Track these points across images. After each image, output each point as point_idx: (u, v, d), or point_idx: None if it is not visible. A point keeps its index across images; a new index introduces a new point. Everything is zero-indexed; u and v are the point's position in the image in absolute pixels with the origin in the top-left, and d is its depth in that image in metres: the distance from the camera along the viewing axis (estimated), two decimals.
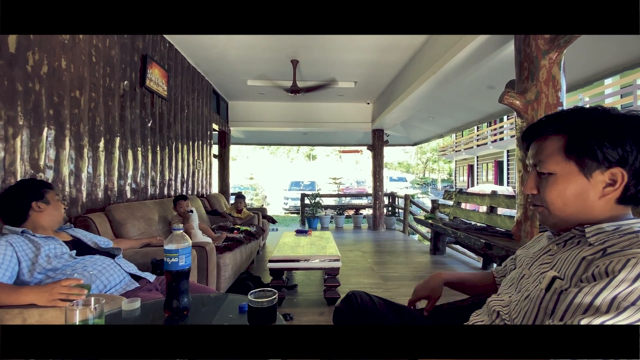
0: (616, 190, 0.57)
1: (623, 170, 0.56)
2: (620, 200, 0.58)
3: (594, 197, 0.58)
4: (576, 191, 0.59)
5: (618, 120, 0.58)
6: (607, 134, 0.57)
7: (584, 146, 0.58)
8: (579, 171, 0.59)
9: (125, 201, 2.64)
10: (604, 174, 0.57)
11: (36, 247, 1.26)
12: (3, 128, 1.58)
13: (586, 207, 0.59)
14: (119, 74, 2.56)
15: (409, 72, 4.17)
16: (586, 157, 0.58)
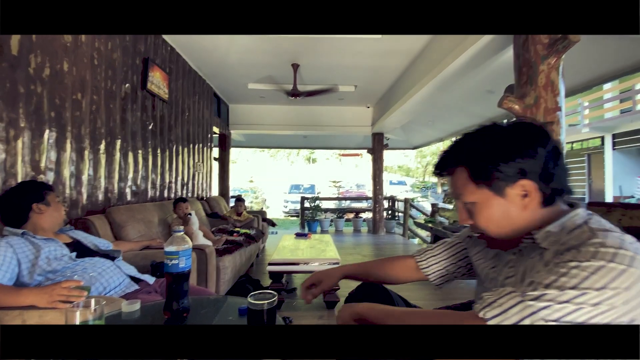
0: (532, 197, 0.61)
1: (527, 180, 0.60)
2: (545, 203, 0.62)
3: (518, 211, 0.62)
4: (500, 212, 0.63)
5: (503, 136, 0.63)
6: (498, 155, 0.61)
7: (485, 172, 0.63)
8: (494, 194, 0.63)
9: (126, 203, 2.65)
10: (515, 188, 0.61)
11: (36, 248, 1.26)
12: (5, 130, 1.59)
13: (518, 221, 0.63)
14: (120, 77, 2.58)
15: (409, 76, 4.19)
16: (491, 180, 0.62)
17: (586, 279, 0.50)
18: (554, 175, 0.61)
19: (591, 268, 0.50)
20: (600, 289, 0.49)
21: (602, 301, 0.49)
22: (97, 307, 0.75)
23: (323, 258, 2.55)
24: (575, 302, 0.49)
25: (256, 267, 3.75)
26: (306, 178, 21.33)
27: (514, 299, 0.53)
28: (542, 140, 0.62)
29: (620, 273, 0.49)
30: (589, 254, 0.52)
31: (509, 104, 1.93)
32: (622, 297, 0.49)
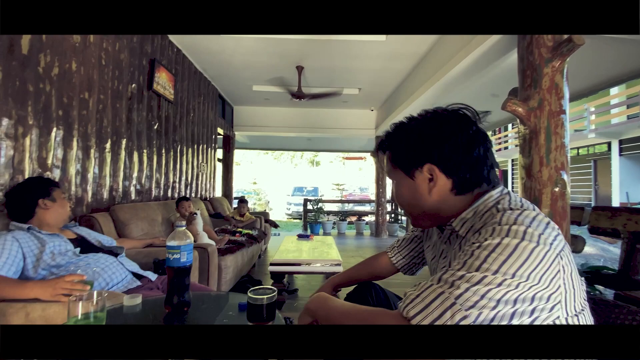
0: (438, 182, 0.64)
1: (432, 165, 0.63)
2: (457, 191, 0.64)
3: (424, 192, 0.65)
4: (409, 192, 0.68)
5: (420, 122, 0.67)
6: (409, 139, 0.66)
7: (398, 154, 0.69)
8: (405, 175, 0.68)
9: (130, 202, 2.67)
10: (423, 172, 0.65)
11: (41, 243, 1.28)
12: (13, 127, 1.62)
13: (427, 204, 0.66)
14: (127, 77, 2.61)
15: (413, 79, 4.20)
16: (402, 162, 0.68)
17: (486, 259, 0.50)
18: (464, 164, 0.62)
19: (490, 247, 0.51)
20: (499, 267, 0.49)
21: (505, 279, 0.48)
22: (99, 298, 0.76)
23: (325, 259, 2.55)
24: (484, 283, 0.49)
25: (258, 267, 3.75)
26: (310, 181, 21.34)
27: (434, 292, 0.52)
28: (456, 128, 0.63)
29: (514, 248, 0.49)
30: (488, 233, 0.53)
31: (512, 106, 1.92)
32: (524, 271, 0.48)
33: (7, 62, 1.57)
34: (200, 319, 0.86)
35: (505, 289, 0.48)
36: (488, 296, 0.48)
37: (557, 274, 0.50)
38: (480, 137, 0.63)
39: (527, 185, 1.92)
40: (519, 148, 2.03)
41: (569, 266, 0.52)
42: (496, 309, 0.48)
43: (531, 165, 1.89)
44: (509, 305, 0.48)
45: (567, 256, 0.53)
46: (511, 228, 0.52)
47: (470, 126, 0.64)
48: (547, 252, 0.50)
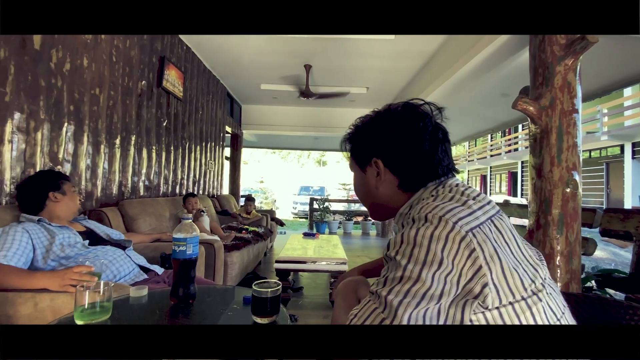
0: (384, 177, 0.65)
1: (377, 159, 0.65)
2: (403, 187, 0.64)
3: (372, 186, 0.67)
4: (360, 183, 0.71)
5: (375, 119, 0.68)
6: (362, 135, 0.69)
7: (353, 149, 0.71)
8: (359, 168, 0.70)
9: (138, 197, 2.70)
10: (372, 166, 0.66)
11: (51, 235, 1.30)
12: (25, 121, 1.65)
13: (377, 197, 0.67)
14: (137, 74, 2.64)
15: (421, 78, 4.16)
16: (355, 155, 0.71)
17: (395, 258, 0.50)
18: (408, 161, 0.62)
19: (397, 244, 0.51)
20: (408, 261, 0.48)
21: (421, 269, 0.47)
22: (105, 289, 0.77)
23: (330, 257, 2.54)
24: (403, 282, 0.48)
25: (263, 265, 3.76)
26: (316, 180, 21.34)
27: (369, 309, 0.50)
28: (402, 125, 0.63)
29: (415, 236, 0.49)
30: (400, 231, 0.54)
31: (523, 105, 1.89)
32: (432, 257, 0.47)
33: (20, 57, 1.59)
34: (205, 311, 0.86)
35: (421, 285, 0.47)
36: (410, 294, 0.47)
37: (472, 252, 0.47)
38: (428, 133, 0.61)
39: (538, 185, 1.88)
40: (529, 148, 1.99)
41: (488, 244, 0.48)
42: (420, 307, 0.47)
43: (542, 165, 1.86)
44: (436, 301, 0.47)
45: (488, 234, 0.50)
46: (414, 218, 0.52)
47: (417, 122, 0.62)
48: (450, 231, 0.48)
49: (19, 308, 1.05)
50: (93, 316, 0.75)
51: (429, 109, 0.64)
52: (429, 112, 0.64)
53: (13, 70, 1.56)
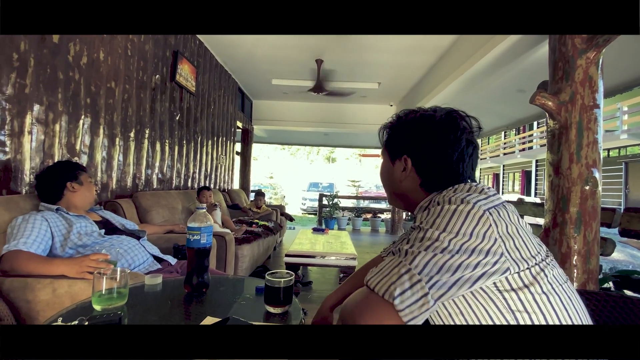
0: (410, 174, 0.69)
1: (408, 158, 0.69)
2: (424, 188, 0.68)
3: (397, 178, 0.71)
4: (387, 173, 0.75)
5: (414, 118, 0.71)
6: (398, 131, 0.72)
7: (389, 139, 0.75)
8: (389, 159, 0.74)
9: (152, 190, 2.75)
10: (401, 161, 0.70)
11: (69, 224, 1.33)
12: (44, 113, 1.69)
13: (399, 189, 0.72)
14: (151, 68, 2.67)
15: (434, 73, 4.09)
16: (388, 145, 0.74)
17: (420, 226, 0.55)
18: (434, 167, 0.66)
19: (422, 220, 0.56)
20: (432, 225, 0.54)
21: (440, 233, 0.52)
22: (122, 275, 0.78)
23: (340, 252, 2.54)
24: (427, 238, 0.53)
25: (273, 259, 3.79)
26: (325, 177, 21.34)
27: (393, 262, 0.55)
28: (439, 133, 0.67)
29: (440, 211, 0.55)
30: (423, 216, 0.58)
31: (542, 100, 1.83)
32: (453, 227, 0.52)
33: (39, 50, 1.63)
34: (219, 300, 0.87)
35: (440, 243, 0.52)
36: (430, 248, 0.52)
37: (490, 227, 0.52)
38: (459, 147, 0.66)
39: (555, 182, 1.83)
40: (546, 144, 1.94)
41: (502, 222, 0.54)
42: (440, 257, 0.51)
43: (560, 162, 1.81)
44: (452, 254, 0.51)
45: (501, 214, 0.55)
46: (439, 201, 0.58)
47: (453, 133, 0.66)
48: (471, 209, 0.53)
49: (37, 293, 1.08)
50: (110, 301, 0.76)
51: (468, 124, 0.69)
52: (467, 127, 0.69)
53: (32, 63, 1.60)
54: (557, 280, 0.57)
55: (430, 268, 0.51)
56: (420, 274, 0.51)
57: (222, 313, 0.76)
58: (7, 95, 1.48)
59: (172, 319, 0.75)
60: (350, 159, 29.54)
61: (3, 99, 1.46)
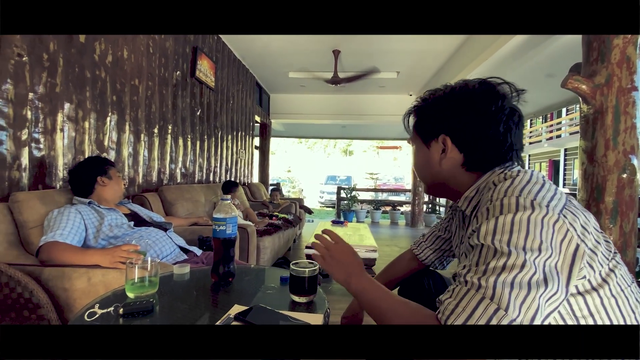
0: (449, 155, 0.63)
1: (446, 136, 0.63)
2: (467, 167, 0.63)
3: (435, 162, 0.65)
4: (422, 160, 0.68)
5: (448, 93, 0.64)
6: (432, 109, 0.65)
7: (419, 122, 0.68)
8: (422, 143, 0.68)
9: (176, 184, 2.83)
10: (438, 142, 0.64)
11: (100, 216, 1.39)
12: (74, 111, 1.76)
13: (437, 175, 0.66)
14: (172, 65, 2.73)
15: (457, 60, 3.95)
16: (420, 129, 0.68)
17: (493, 242, 0.48)
18: (478, 141, 0.60)
19: (490, 232, 0.48)
20: (509, 245, 0.46)
21: (523, 255, 0.45)
22: (153, 264, 0.81)
23: (360, 245, 2.53)
24: (507, 269, 0.45)
25: (293, 251, 3.83)
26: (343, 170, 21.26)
27: (474, 299, 0.47)
28: (477, 103, 0.60)
29: (511, 224, 0.47)
30: (484, 216, 0.51)
31: (574, 83, 1.73)
32: (531, 244, 0.45)
33: (67, 50, 1.69)
34: (245, 289, 0.88)
35: (527, 270, 0.45)
36: (521, 284, 0.45)
37: (567, 233, 0.47)
38: (504, 115, 0.59)
39: (589, 171, 1.74)
40: (579, 131, 1.84)
41: (577, 222, 0.49)
42: (535, 295, 0.44)
43: (594, 149, 1.71)
44: (544, 286, 0.45)
45: (572, 212, 0.50)
46: (503, 202, 0.50)
47: (494, 102, 0.60)
48: (545, 216, 0.47)
49: (74, 282, 1.14)
50: (142, 289, 0.79)
51: (507, 89, 0.62)
52: (507, 92, 0.61)
53: (62, 62, 1.66)
54: (625, 281, 0.52)
55: (527, 307, 0.44)
56: (517, 318, 0.44)
57: (249, 301, 0.78)
58: (40, 94, 1.55)
59: (200, 307, 0.77)
60: (367, 152, 29.25)
61: (36, 97, 1.53)
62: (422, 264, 0.95)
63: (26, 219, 1.32)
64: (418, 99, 0.70)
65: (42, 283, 1.12)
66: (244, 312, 0.68)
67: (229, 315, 0.69)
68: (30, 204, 1.34)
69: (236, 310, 0.71)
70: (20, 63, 1.44)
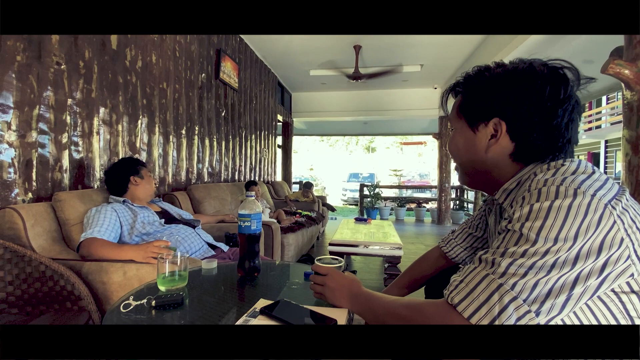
0: (500, 141, 0.57)
1: (500, 120, 0.57)
2: (515, 157, 0.57)
3: (481, 149, 0.60)
4: (465, 143, 0.62)
5: (502, 73, 0.58)
6: (484, 89, 0.58)
7: (469, 102, 0.61)
8: (467, 126, 0.61)
9: (203, 183, 2.92)
10: (488, 126, 0.58)
11: (134, 214, 1.46)
12: (108, 114, 1.86)
13: (478, 160, 0.61)
14: (197, 67, 2.81)
15: (484, 50, 3.79)
16: (469, 110, 0.61)
17: (521, 230, 0.45)
18: (537, 131, 0.54)
19: (522, 217, 0.46)
20: (537, 235, 0.44)
21: (549, 247, 0.43)
22: (182, 259, 0.84)
23: (384, 242, 2.49)
24: (527, 256, 0.44)
25: (317, 249, 3.85)
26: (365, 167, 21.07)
27: (478, 275, 0.47)
28: (544, 88, 0.53)
29: (548, 210, 0.44)
30: (518, 204, 0.48)
31: (616, 68, 1.61)
32: (567, 232, 0.42)
33: (101, 57, 1.78)
34: (270, 284, 0.89)
35: (552, 256, 0.43)
36: (536, 267, 0.43)
37: (614, 225, 0.43)
38: (569, 105, 0.54)
39: (633, 162, 1.61)
40: (622, 120, 1.70)
41: (626, 215, 0.44)
42: (551, 276, 0.43)
43: (639, 139, 1.58)
44: (567, 268, 0.42)
45: (625, 206, 0.45)
46: (541, 190, 0.46)
47: (563, 89, 0.54)
48: (590, 202, 0.43)
49: (111, 276, 1.20)
50: (173, 283, 0.82)
51: (571, 75, 0.55)
52: (571, 78, 0.55)
53: (96, 69, 1.76)
54: None
55: (539, 291, 0.43)
56: (526, 301, 0.43)
57: (274, 296, 0.79)
58: (77, 99, 1.64)
59: (227, 301, 0.78)
60: (390, 148, 28.79)
61: (74, 103, 1.63)
62: (451, 261, 0.91)
63: (68, 217, 1.41)
64: (465, 75, 0.63)
65: (82, 276, 1.19)
66: (269, 306, 0.69)
67: (255, 309, 0.70)
68: (71, 203, 1.43)
69: (262, 304, 0.72)
70: (59, 71, 1.53)
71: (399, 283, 0.99)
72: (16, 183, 1.37)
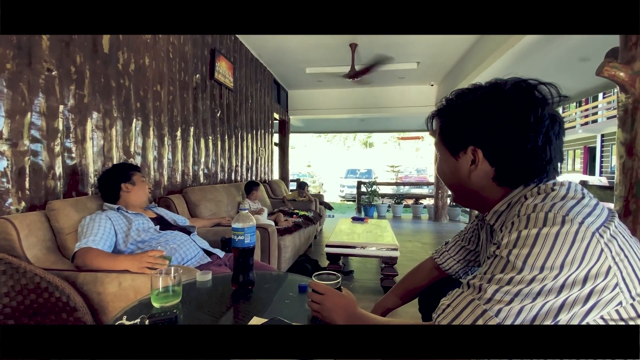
0: (481, 166, 0.58)
1: (476, 148, 0.57)
2: (499, 180, 0.58)
3: (464, 174, 0.60)
4: (449, 169, 0.63)
5: (477, 98, 0.58)
6: (459, 116, 0.59)
7: (445, 129, 0.62)
8: (449, 152, 0.62)
9: (199, 185, 2.91)
10: (467, 153, 0.59)
11: (128, 221, 1.45)
12: (102, 119, 1.84)
13: (467, 186, 0.61)
14: (191, 68, 2.78)
15: (480, 47, 3.77)
16: (448, 139, 0.62)
17: (508, 257, 0.46)
18: (512, 154, 0.54)
19: (510, 244, 0.47)
20: (524, 264, 0.44)
21: (535, 275, 0.43)
22: (176, 274, 0.83)
23: (380, 243, 2.50)
24: (513, 283, 0.44)
25: (314, 248, 3.86)
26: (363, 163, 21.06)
27: (464, 300, 0.48)
28: (514, 111, 0.53)
29: (535, 238, 0.44)
30: (507, 229, 0.49)
31: (611, 70, 1.61)
32: (554, 261, 0.43)
33: (93, 62, 1.76)
34: (264, 299, 0.90)
35: (538, 284, 0.43)
36: (522, 294, 0.44)
37: (601, 254, 0.43)
38: (542, 127, 0.53)
39: (628, 165, 1.62)
40: (617, 121, 1.71)
41: (614, 242, 0.44)
42: (536, 303, 0.43)
43: (634, 141, 1.59)
44: (552, 295, 0.43)
45: (613, 234, 0.45)
46: (530, 217, 0.47)
47: (533, 111, 0.53)
48: (577, 230, 0.43)
49: (106, 286, 1.20)
50: (166, 299, 0.82)
51: (547, 91, 0.55)
52: (547, 96, 0.54)
53: (88, 74, 1.73)
54: None
55: (524, 317, 0.43)
56: (506, 321, 0.44)
57: (267, 312, 0.79)
58: (69, 105, 1.62)
59: (221, 319, 0.78)
60: (388, 143, 28.75)
61: (66, 109, 1.61)
62: (444, 273, 0.92)
63: (62, 226, 1.40)
64: (444, 101, 0.64)
65: (77, 287, 1.19)
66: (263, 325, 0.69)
67: None
68: (65, 211, 1.42)
69: (255, 322, 0.72)
70: (50, 77, 1.51)
71: (394, 292, 1.00)
72: (9, 192, 1.36)
